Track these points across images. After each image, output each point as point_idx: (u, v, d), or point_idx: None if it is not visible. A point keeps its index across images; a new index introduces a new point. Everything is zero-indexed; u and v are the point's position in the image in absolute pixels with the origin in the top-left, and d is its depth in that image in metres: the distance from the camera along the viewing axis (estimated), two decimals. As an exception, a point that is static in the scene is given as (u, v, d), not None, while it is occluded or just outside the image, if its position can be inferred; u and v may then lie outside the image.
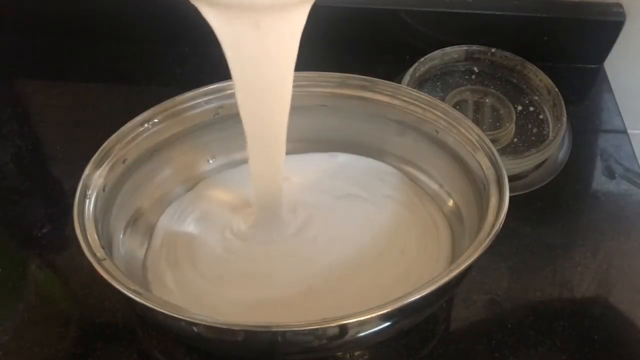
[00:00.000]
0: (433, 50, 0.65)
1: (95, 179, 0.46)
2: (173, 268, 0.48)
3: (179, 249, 0.50)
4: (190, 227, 0.51)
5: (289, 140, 0.56)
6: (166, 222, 0.52)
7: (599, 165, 0.59)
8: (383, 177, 0.54)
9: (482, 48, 0.65)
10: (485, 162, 0.46)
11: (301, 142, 0.56)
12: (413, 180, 0.54)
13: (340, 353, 0.44)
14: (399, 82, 0.61)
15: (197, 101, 0.52)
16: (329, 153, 0.56)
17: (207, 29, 0.72)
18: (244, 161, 0.56)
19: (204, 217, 0.52)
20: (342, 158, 0.56)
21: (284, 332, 0.36)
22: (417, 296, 0.37)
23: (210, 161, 0.55)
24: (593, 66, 0.69)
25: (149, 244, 0.50)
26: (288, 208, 0.51)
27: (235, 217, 0.52)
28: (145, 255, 0.49)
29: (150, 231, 0.51)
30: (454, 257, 0.47)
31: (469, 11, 0.65)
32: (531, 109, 0.62)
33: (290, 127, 0.55)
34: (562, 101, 0.59)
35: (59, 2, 0.69)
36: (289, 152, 0.56)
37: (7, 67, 0.70)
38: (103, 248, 0.41)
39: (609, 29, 0.66)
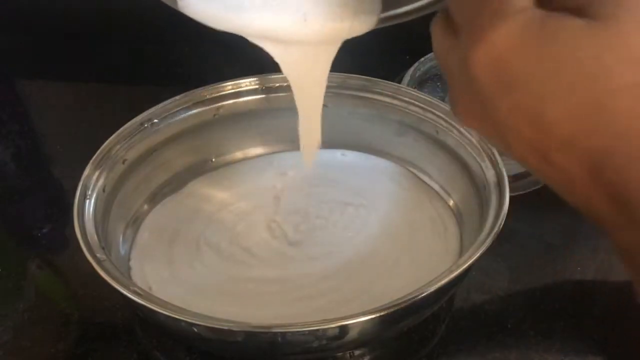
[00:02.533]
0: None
1: (95, 179, 0.46)
2: (154, 270, 0.47)
3: (162, 250, 0.49)
4: (174, 228, 0.51)
5: (290, 139, 0.56)
6: (152, 222, 0.51)
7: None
8: (392, 176, 0.54)
9: (482, 48, 0.65)
10: (485, 162, 0.46)
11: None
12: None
13: (340, 353, 0.44)
14: (399, 82, 0.61)
15: (197, 101, 0.52)
16: (339, 150, 0.56)
17: (207, 29, 0.72)
18: (242, 160, 0.56)
19: (191, 219, 0.51)
20: (351, 156, 0.56)
21: (284, 332, 0.36)
22: (417, 297, 0.37)
23: (210, 161, 0.55)
24: (593, 66, 0.68)
25: (133, 242, 0.49)
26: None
27: (220, 219, 0.51)
28: (129, 254, 0.48)
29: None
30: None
31: (469, 11, 0.65)
32: (531, 109, 0.62)
33: (290, 127, 0.55)
34: (562, 101, 0.59)
35: (59, 2, 0.69)
36: (292, 150, 0.56)
37: (7, 67, 0.71)
38: (103, 248, 0.41)
39: (609, 29, 0.66)
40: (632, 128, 0.21)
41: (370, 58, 0.67)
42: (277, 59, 0.37)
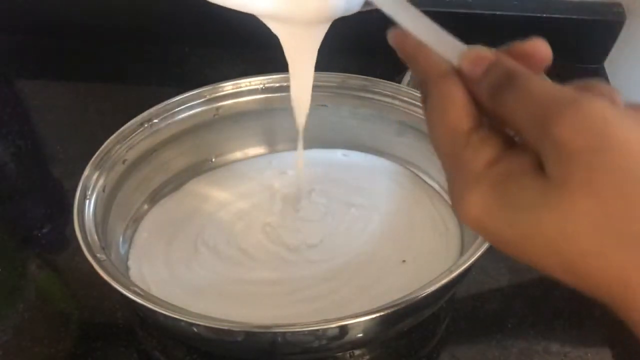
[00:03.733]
0: (433, 50, 0.64)
1: (95, 179, 0.46)
2: (152, 270, 0.47)
3: (160, 250, 0.49)
4: (173, 228, 0.51)
5: (289, 139, 0.56)
6: (151, 222, 0.51)
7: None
8: (393, 175, 0.54)
9: (482, 48, 0.65)
10: (485, 162, 0.46)
11: (301, 142, 0.56)
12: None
13: (340, 353, 0.44)
14: (399, 82, 0.61)
15: (197, 101, 0.52)
16: (341, 150, 0.56)
17: (207, 29, 0.73)
18: (241, 160, 0.56)
19: (189, 219, 0.51)
20: (353, 156, 0.56)
21: (284, 332, 0.36)
22: (417, 297, 0.37)
23: (210, 161, 0.55)
24: (593, 66, 0.69)
25: (132, 242, 0.49)
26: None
27: (216, 220, 0.51)
28: (127, 254, 0.48)
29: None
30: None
31: (469, 11, 0.65)
32: (531, 109, 0.62)
33: (290, 127, 0.56)
34: (562, 101, 0.59)
35: (59, 2, 0.69)
36: (291, 149, 0.56)
37: (7, 67, 0.71)
38: (103, 248, 0.41)
39: (609, 29, 0.66)
40: (600, 287, 0.22)
41: (370, 58, 0.67)
42: (275, 32, 0.39)
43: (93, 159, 0.46)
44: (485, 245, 0.40)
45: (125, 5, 0.68)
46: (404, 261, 0.47)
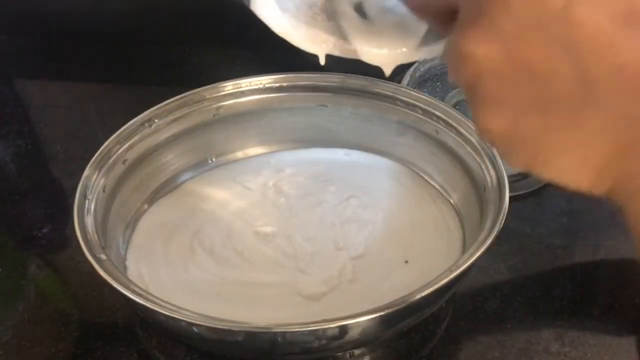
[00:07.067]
0: (433, 50, 0.65)
1: (95, 179, 0.46)
2: (150, 271, 0.47)
3: (158, 250, 0.48)
4: (170, 228, 0.50)
5: (289, 139, 0.56)
6: (149, 221, 0.51)
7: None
8: (395, 175, 0.54)
9: (482, 48, 0.65)
10: (485, 163, 0.46)
11: (302, 142, 0.56)
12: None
13: (340, 353, 0.44)
14: (399, 82, 0.61)
15: (197, 101, 0.52)
16: (343, 149, 0.56)
17: (207, 29, 0.73)
18: (240, 160, 0.56)
19: (187, 219, 0.51)
20: (355, 155, 0.56)
21: (284, 332, 0.36)
22: (417, 297, 0.37)
23: (210, 161, 0.55)
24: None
25: (130, 242, 0.49)
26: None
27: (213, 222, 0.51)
28: (125, 254, 0.48)
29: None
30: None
31: (469, 11, 0.65)
32: (531, 109, 0.62)
33: (290, 127, 0.56)
34: (562, 101, 0.59)
35: (59, 2, 0.69)
36: (291, 149, 0.56)
37: (7, 67, 0.71)
38: (103, 248, 0.41)
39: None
40: None
41: (370, 58, 0.67)
42: None
43: (93, 159, 0.46)
44: (486, 245, 0.40)
45: (125, 5, 0.68)
46: (406, 262, 0.47)
